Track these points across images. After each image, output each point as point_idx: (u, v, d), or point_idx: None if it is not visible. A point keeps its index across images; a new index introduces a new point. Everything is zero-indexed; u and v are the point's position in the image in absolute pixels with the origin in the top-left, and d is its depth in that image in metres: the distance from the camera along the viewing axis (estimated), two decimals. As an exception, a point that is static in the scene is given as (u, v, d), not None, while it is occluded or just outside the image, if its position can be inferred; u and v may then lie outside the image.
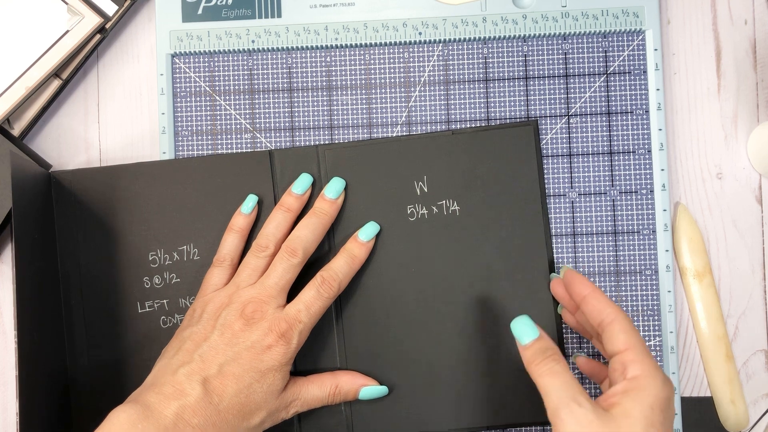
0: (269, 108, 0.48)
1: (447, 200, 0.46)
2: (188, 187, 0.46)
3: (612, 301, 0.39)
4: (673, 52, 0.48)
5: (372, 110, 0.48)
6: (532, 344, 0.37)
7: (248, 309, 0.40)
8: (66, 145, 0.49)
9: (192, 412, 0.37)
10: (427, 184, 0.46)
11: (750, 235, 0.47)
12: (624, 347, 0.36)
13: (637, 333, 0.37)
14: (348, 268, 0.43)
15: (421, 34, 0.47)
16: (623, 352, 0.36)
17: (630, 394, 0.34)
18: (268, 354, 0.39)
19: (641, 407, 0.34)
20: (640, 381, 0.35)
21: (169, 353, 0.40)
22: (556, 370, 0.36)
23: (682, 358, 0.47)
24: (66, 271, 0.46)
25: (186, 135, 0.48)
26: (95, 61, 0.50)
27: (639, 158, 0.47)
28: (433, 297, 0.46)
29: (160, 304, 0.46)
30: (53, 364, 0.44)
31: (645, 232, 0.46)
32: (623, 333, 0.37)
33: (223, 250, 0.44)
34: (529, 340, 0.38)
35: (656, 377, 0.35)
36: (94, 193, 0.46)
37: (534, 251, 0.46)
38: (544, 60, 0.47)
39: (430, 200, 0.46)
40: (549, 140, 0.47)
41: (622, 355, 0.36)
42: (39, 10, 0.47)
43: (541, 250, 0.46)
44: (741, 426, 0.46)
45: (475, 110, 0.47)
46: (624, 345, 0.36)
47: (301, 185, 0.45)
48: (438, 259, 0.46)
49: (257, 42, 0.48)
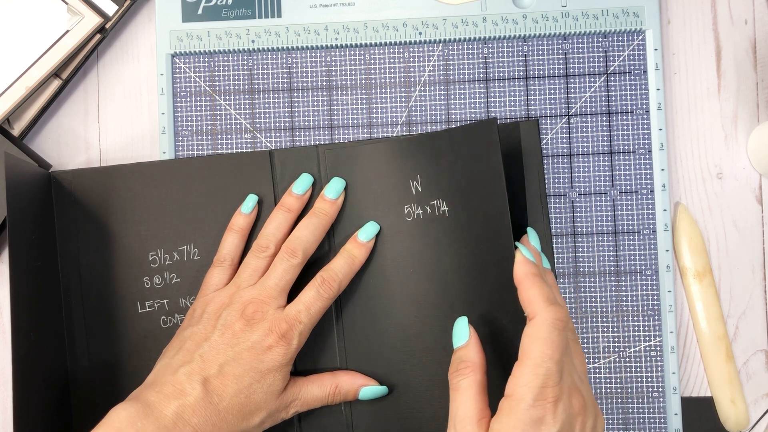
0: (269, 108, 0.48)
1: (437, 200, 0.46)
2: (188, 187, 0.46)
3: (543, 292, 0.35)
4: (673, 52, 0.48)
5: (372, 110, 0.48)
6: (456, 350, 0.37)
7: (249, 309, 0.40)
8: (66, 145, 0.49)
9: (192, 411, 0.37)
10: (421, 183, 0.45)
11: (750, 235, 0.47)
12: (520, 357, 0.34)
13: (544, 343, 0.34)
14: (348, 269, 0.43)
15: (421, 34, 0.47)
16: (517, 362, 0.34)
17: (497, 416, 0.33)
18: (269, 354, 0.39)
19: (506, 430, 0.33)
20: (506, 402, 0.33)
21: (169, 353, 0.40)
22: (462, 385, 0.35)
23: (683, 358, 0.47)
24: (66, 271, 0.46)
25: (186, 135, 0.48)
26: (95, 61, 0.50)
27: (639, 158, 0.47)
28: (432, 297, 0.46)
29: (160, 304, 0.46)
30: (53, 364, 0.44)
31: (645, 232, 0.46)
32: (527, 338, 0.34)
33: (223, 250, 0.44)
34: (456, 346, 0.37)
35: (522, 399, 0.33)
36: (94, 193, 0.46)
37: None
38: (544, 60, 0.47)
39: (424, 200, 0.46)
40: (549, 140, 0.47)
41: (515, 366, 0.34)
42: (39, 10, 0.47)
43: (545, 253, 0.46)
44: (741, 426, 0.46)
45: (475, 110, 0.47)
46: (520, 355, 0.34)
47: (301, 185, 0.45)
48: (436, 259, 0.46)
49: (257, 42, 0.48)
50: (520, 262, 0.37)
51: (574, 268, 0.46)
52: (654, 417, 0.46)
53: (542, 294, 0.36)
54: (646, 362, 0.46)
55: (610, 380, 0.46)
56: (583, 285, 0.46)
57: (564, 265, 0.46)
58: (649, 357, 0.46)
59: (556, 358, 0.33)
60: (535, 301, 0.35)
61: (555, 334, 0.34)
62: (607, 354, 0.46)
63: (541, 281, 0.36)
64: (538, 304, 0.35)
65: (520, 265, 0.37)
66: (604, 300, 0.46)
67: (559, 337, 0.34)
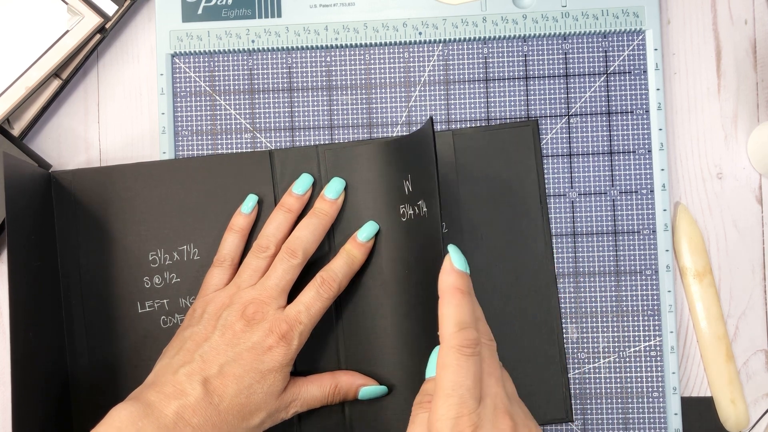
0: (269, 108, 0.48)
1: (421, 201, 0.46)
2: (188, 187, 0.46)
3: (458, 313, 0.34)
4: (673, 52, 0.48)
5: (372, 110, 0.48)
6: (427, 381, 0.36)
7: (249, 310, 0.40)
8: (66, 145, 0.49)
9: (192, 411, 0.37)
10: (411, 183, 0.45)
11: (750, 235, 0.47)
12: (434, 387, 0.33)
13: (453, 371, 0.33)
14: (347, 269, 0.43)
15: (421, 34, 0.47)
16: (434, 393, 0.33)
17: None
18: (269, 355, 0.39)
19: None
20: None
21: (170, 353, 0.40)
22: (418, 420, 0.34)
23: (682, 358, 0.47)
24: (66, 271, 0.46)
25: (186, 135, 0.48)
26: (95, 61, 0.50)
27: (639, 158, 0.47)
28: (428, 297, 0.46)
29: (160, 304, 0.46)
30: (53, 364, 0.44)
31: (645, 232, 0.46)
32: (438, 367, 0.33)
33: (223, 250, 0.44)
34: (428, 376, 0.36)
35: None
36: (94, 193, 0.46)
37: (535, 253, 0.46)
38: (544, 60, 0.47)
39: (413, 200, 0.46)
40: (549, 140, 0.47)
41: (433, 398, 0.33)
42: (39, 10, 0.47)
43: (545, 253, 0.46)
44: (741, 426, 0.46)
45: (475, 110, 0.47)
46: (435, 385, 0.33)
47: (301, 185, 0.45)
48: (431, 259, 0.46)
49: (257, 42, 0.48)
50: (446, 271, 0.36)
51: (574, 268, 0.46)
52: (654, 417, 0.46)
53: (455, 316, 0.34)
54: (646, 362, 0.46)
55: (610, 380, 0.46)
56: (583, 285, 0.46)
57: (564, 265, 0.46)
58: (649, 357, 0.46)
59: (468, 384, 0.32)
60: (446, 324, 0.34)
61: (463, 360, 0.33)
62: (607, 354, 0.46)
63: (461, 299, 0.35)
64: (447, 328, 0.34)
65: (445, 276, 0.36)
66: (604, 300, 0.46)
67: (468, 362, 0.33)
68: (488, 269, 0.46)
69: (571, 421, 0.46)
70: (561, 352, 0.46)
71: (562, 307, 0.46)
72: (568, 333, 0.46)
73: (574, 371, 0.46)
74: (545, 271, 0.46)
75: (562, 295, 0.46)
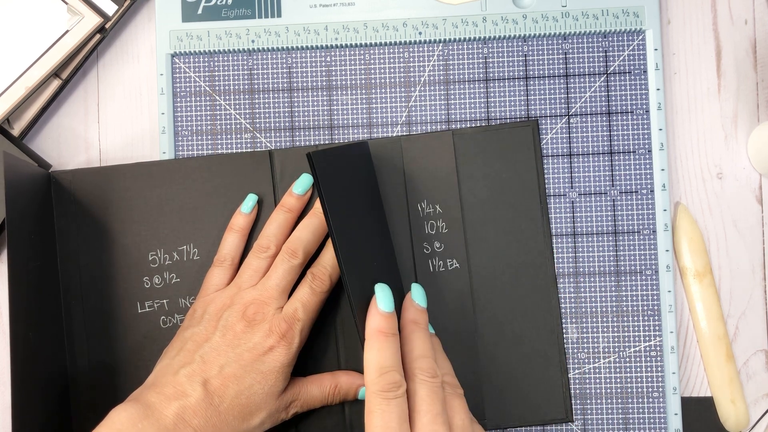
0: (269, 108, 0.48)
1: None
2: (188, 187, 0.46)
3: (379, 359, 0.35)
4: (674, 51, 0.48)
5: (372, 110, 0.48)
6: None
7: (249, 311, 0.40)
8: (66, 145, 0.49)
9: (192, 412, 0.37)
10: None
11: (750, 235, 0.47)
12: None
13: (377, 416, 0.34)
14: (336, 260, 0.43)
15: (421, 34, 0.47)
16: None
17: None
18: (270, 355, 0.39)
19: None
20: None
21: (170, 354, 0.40)
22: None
23: (683, 358, 0.47)
24: (66, 270, 0.46)
25: (186, 135, 0.48)
26: (95, 61, 0.50)
27: (639, 158, 0.47)
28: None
29: (160, 304, 0.46)
30: (52, 364, 0.44)
31: (645, 232, 0.46)
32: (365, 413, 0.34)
33: (223, 250, 0.44)
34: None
35: None
36: (94, 193, 0.46)
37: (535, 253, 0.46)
38: (544, 60, 0.47)
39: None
40: (549, 140, 0.47)
41: None
42: (39, 10, 0.47)
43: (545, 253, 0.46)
44: (741, 426, 0.46)
45: (475, 110, 0.47)
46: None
47: (301, 185, 0.45)
48: None
49: (257, 42, 0.48)
50: (370, 314, 0.37)
51: (574, 268, 0.46)
52: (654, 417, 0.46)
53: (376, 361, 0.35)
54: (646, 362, 0.46)
55: (610, 380, 0.46)
56: (583, 285, 0.46)
57: (564, 265, 0.46)
58: (649, 357, 0.46)
59: (393, 426, 0.33)
60: (367, 369, 0.35)
61: (384, 404, 0.34)
62: (607, 354, 0.46)
63: (383, 343, 0.36)
64: (368, 374, 0.35)
65: (369, 318, 0.37)
66: (604, 300, 0.46)
67: (391, 405, 0.34)
68: (488, 269, 0.46)
69: (571, 421, 0.46)
70: (561, 352, 0.46)
71: (562, 307, 0.46)
72: (568, 333, 0.46)
73: (574, 371, 0.46)
74: (545, 271, 0.46)
75: (562, 295, 0.46)
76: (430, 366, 0.37)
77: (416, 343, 0.38)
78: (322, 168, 0.37)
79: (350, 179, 0.40)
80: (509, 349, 0.46)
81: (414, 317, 0.39)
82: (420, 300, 0.39)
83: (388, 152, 0.46)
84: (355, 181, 0.41)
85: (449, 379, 0.38)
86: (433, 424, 0.34)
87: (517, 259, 0.46)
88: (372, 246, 0.40)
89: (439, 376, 0.36)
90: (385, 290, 0.38)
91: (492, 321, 0.46)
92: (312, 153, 0.37)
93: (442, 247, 0.46)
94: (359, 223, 0.40)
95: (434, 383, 0.36)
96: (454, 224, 0.46)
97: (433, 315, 0.45)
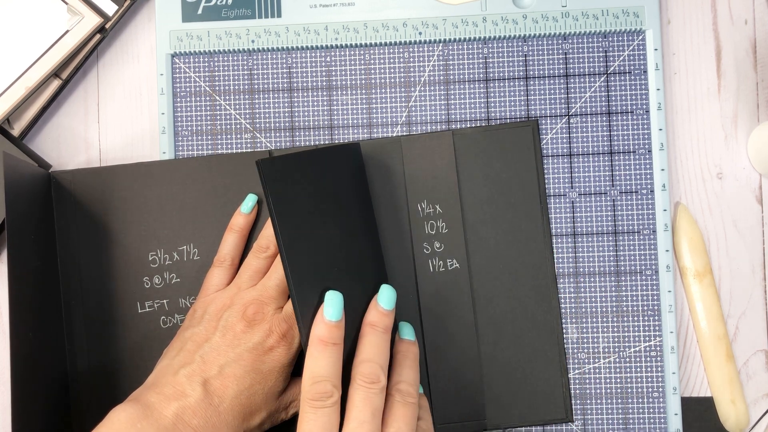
0: (269, 108, 0.48)
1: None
2: (188, 187, 0.46)
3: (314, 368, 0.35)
4: (674, 52, 0.48)
5: (372, 110, 0.48)
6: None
7: (249, 311, 0.40)
8: (66, 145, 0.49)
9: (192, 413, 0.37)
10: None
11: (750, 235, 0.47)
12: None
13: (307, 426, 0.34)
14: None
15: (421, 34, 0.47)
16: None
17: None
18: (271, 355, 0.39)
19: None
20: None
21: (170, 354, 0.40)
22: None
23: (683, 358, 0.47)
24: (66, 271, 0.46)
25: (186, 135, 0.48)
26: (95, 61, 0.50)
27: (639, 158, 0.47)
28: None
29: (160, 304, 0.46)
30: (52, 364, 0.44)
31: (645, 232, 0.46)
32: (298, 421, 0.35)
33: (223, 250, 0.44)
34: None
35: None
36: (94, 193, 0.46)
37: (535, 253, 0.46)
38: (544, 60, 0.47)
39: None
40: (549, 140, 0.47)
41: None
42: (39, 10, 0.47)
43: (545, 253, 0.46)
44: (741, 426, 0.46)
45: (475, 110, 0.47)
46: None
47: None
48: None
49: (257, 42, 0.48)
50: (316, 323, 0.37)
51: (574, 268, 0.46)
52: (654, 417, 0.46)
53: (310, 369, 0.35)
54: (646, 362, 0.46)
55: (610, 380, 0.46)
56: (583, 285, 0.46)
57: (564, 265, 0.46)
58: (649, 357, 0.46)
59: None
60: (303, 378, 0.36)
61: (312, 413, 0.34)
62: (607, 354, 0.46)
63: (321, 351, 0.36)
64: (303, 383, 0.35)
65: (314, 327, 0.37)
66: (604, 300, 0.46)
67: (318, 413, 0.34)
68: (488, 269, 0.46)
69: (571, 421, 0.46)
70: (561, 352, 0.46)
71: (562, 307, 0.46)
72: (568, 333, 0.46)
73: (574, 371, 0.46)
74: (545, 271, 0.46)
75: (562, 295, 0.46)
76: (371, 371, 0.36)
77: (364, 347, 0.38)
78: (271, 176, 0.37)
79: (311, 184, 0.40)
80: (509, 349, 0.46)
81: (372, 320, 0.39)
82: (385, 302, 0.39)
83: (388, 152, 0.46)
84: (320, 185, 0.40)
85: (403, 387, 0.38)
86: (357, 430, 0.35)
87: (517, 259, 0.46)
88: (336, 252, 0.40)
89: (379, 382, 0.36)
90: (334, 299, 0.37)
91: (492, 321, 0.46)
92: (260, 161, 0.36)
93: (442, 247, 0.46)
94: (321, 228, 0.39)
95: (371, 389, 0.36)
96: (454, 224, 0.46)
97: (433, 315, 0.45)
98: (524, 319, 0.46)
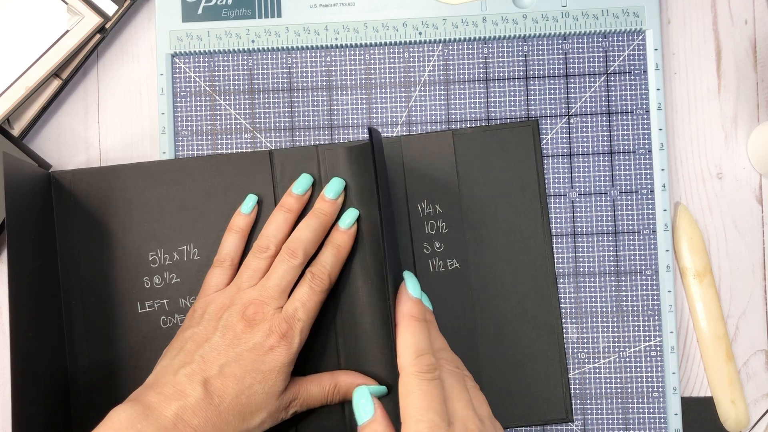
0: (269, 108, 0.48)
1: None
2: (188, 187, 0.46)
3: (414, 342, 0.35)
4: (674, 52, 0.48)
5: (372, 110, 0.48)
6: (362, 429, 0.36)
7: (249, 311, 0.40)
8: (66, 145, 0.49)
9: (192, 412, 0.37)
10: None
11: (750, 235, 0.47)
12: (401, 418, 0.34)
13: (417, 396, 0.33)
14: (335, 259, 0.43)
15: (421, 34, 0.47)
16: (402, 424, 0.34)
17: None
18: (271, 355, 0.39)
19: None
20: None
21: (170, 354, 0.40)
22: None
23: (683, 358, 0.47)
24: (66, 271, 0.46)
25: (186, 135, 0.48)
26: (95, 61, 0.50)
27: (639, 158, 0.47)
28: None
29: (160, 304, 0.46)
30: (52, 364, 0.44)
31: (645, 232, 0.46)
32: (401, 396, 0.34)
33: (223, 251, 0.44)
34: (360, 423, 0.36)
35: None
36: (94, 193, 0.46)
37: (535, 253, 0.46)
38: (545, 60, 0.47)
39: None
40: (549, 140, 0.47)
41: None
42: (39, 10, 0.47)
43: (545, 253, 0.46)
44: (741, 426, 0.46)
45: (475, 110, 0.47)
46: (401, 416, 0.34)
47: (301, 186, 0.45)
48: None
49: (257, 42, 0.48)
50: (401, 300, 0.37)
51: (574, 268, 0.46)
52: (654, 417, 0.46)
53: (412, 344, 0.35)
54: (646, 362, 0.46)
55: (610, 380, 0.46)
56: (583, 285, 0.46)
57: (564, 265, 0.46)
58: (649, 357, 0.46)
59: (435, 407, 0.33)
60: (404, 352, 0.35)
61: (425, 384, 0.34)
62: (607, 354, 0.46)
63: (416, 326, 0.36)
64: (405, 356, 0.35)
65: (400, 304, 0.37)
66: (604, 300, 0.46)
67: (431, 385, 0.34)
68: (488, 269, 0.46)
69: (571, 421, 0.46)
70: (561, 352, 0.46)
71: (562, 307, 0.46)
72: (568, 333, 0.46)
73: (574, 371, 0.46)
74: (545, 271, 0.46)
75: (562, 295, 0.46)
76: (453, 358, 0.37)
77: (435, 335, 0.38)
78: (378, 145, 0.38)
79: (382, 168, 0.41)
80: (509, 349, 0.46)
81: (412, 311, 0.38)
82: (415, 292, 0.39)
83: (388, 152, 0.46)
84: (383, 169, 0.42)
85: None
86: (465, 409, 0.34)
87: (517, 259, 0.46)
88: (395, 235, 0.41)
89: (461, 369, 0.37)
90: (412, 277, 0.38)
91: (492, 321, 0.46)
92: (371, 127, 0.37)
93: (442, 247, 0.46)
94: (390, 210, 0.40)
95: (457, 373, 0.37)
96: (454, 224, 0.46)
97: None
98: (524, 319, 0.46)
